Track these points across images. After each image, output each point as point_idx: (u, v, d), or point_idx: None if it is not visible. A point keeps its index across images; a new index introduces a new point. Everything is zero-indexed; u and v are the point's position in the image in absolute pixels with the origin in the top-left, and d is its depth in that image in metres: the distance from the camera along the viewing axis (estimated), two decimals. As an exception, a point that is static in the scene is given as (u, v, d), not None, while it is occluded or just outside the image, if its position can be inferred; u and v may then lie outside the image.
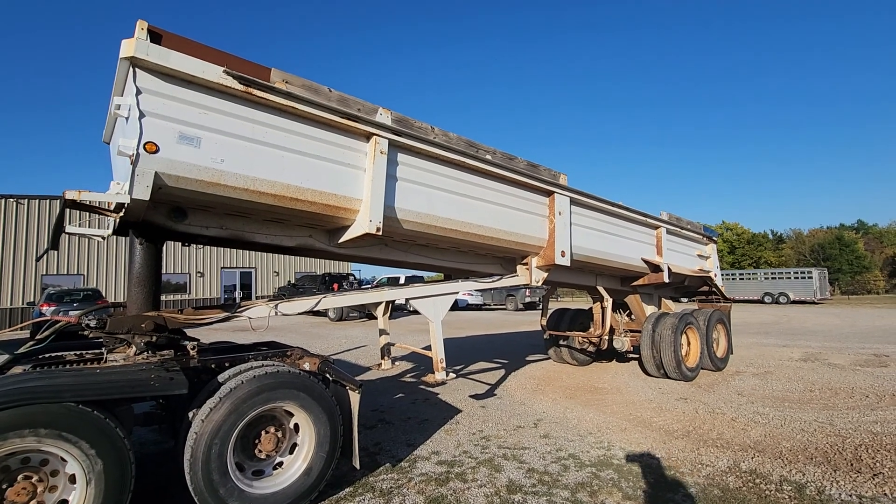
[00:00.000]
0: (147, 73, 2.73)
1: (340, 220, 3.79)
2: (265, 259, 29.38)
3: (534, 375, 7.73)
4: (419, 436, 4.68)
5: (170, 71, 2.77)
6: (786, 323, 17.32)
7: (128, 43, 2.64)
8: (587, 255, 5.88)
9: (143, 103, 2.71)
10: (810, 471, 3.76)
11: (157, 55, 2.70)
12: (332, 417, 3.23)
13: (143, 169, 2.69)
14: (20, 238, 21.54)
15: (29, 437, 2.21)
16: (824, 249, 51.63)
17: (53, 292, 15.97)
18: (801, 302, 29.83)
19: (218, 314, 3.48)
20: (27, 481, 2.28)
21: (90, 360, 3.28)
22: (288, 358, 3.37)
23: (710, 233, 8.87)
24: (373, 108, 3.74)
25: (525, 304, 25.46)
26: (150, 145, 2.71)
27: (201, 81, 2.89)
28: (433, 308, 4.70)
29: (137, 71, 2.70)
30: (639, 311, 7.97)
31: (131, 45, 2.63)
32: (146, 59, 2.67)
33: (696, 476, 3.67)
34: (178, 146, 2.83)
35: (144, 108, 2.71)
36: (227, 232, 3.56)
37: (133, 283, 3.26)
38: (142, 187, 2.70)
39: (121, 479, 2.42)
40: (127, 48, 2.63)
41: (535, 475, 3.71)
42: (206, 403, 2.81)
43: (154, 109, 2.75)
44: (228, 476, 2.81)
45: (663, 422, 5.10)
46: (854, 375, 7.36)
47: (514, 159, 4.94)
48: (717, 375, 7.52)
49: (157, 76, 2.76)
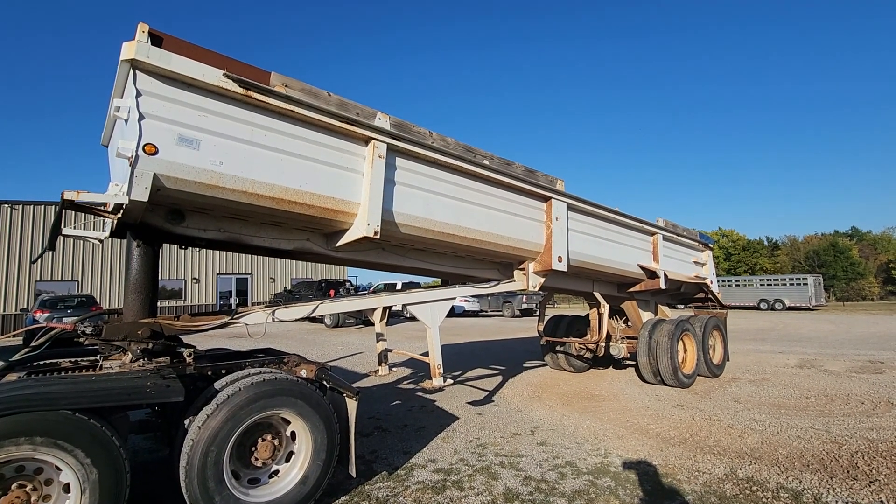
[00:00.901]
0: (147, 75, 2.74)
1: (338, 224, 3.80)
2: (261, 265, 29.26)
3: (531, 382, 7.72)
4: (416, 443, 4.66)
5: (170, 73, 2.79)
6: (781, 329, 17.39)
7: (129, 45, 2.65)
8: (584, 260, 5.90)
9: (143, 105, 2.72)
10: (807, 478, 3.77)
11: (157, 58, 2.71)
12: (329, 426, 3.22)
13: (142, 170, 2.70)
14: (14, 244, 21.40)
15: (24, 445, 2.19)
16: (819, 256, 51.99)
17: (47, 298, 15.85)
18: (797, 308, 29.96)
19: (214, 321, 3.47)
20: (21, 490, 2.26)
21: (85, 368, 3.26)
22: (285, 365, 3.36)
23: (706, 240, 8.93)
24: (371, 113, 3.77)
25: (522, 311, 25.45)
26: (150, 147, 2.71)
27: (201, 84, 2.91)
28: (430, 313, 4.70)
29: (138, 73, 2.71)
30: (635, 317, 7.99)
31: (132, 48, 2.64)
32: (147, 61, 2.68)
33: (692, 483, 3.67)
34: (178, 148, 2.83)
35: (144, 110, 2.72)
36: (225, 235, 3.55)
37: (130, 289, 3.25)
38: (140, 189, 2.70)
39: (115, 488, 2.41)
40: (128, 50, 2.64)
41: (531, 483, 3.70)
42: (203, 410, 2.80)
43: (154, 111, 2.76)
44: (224, 484, 2.79)
45: (660, 429, 5.10)
46: (850, 382, 7.39)
47: (512, 164, 4.97)
48: (714, 382, 7.54)
49: (157, 78, 2.77)
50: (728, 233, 57.08)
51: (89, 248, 23.22)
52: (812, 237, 60.78)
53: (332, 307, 4.32)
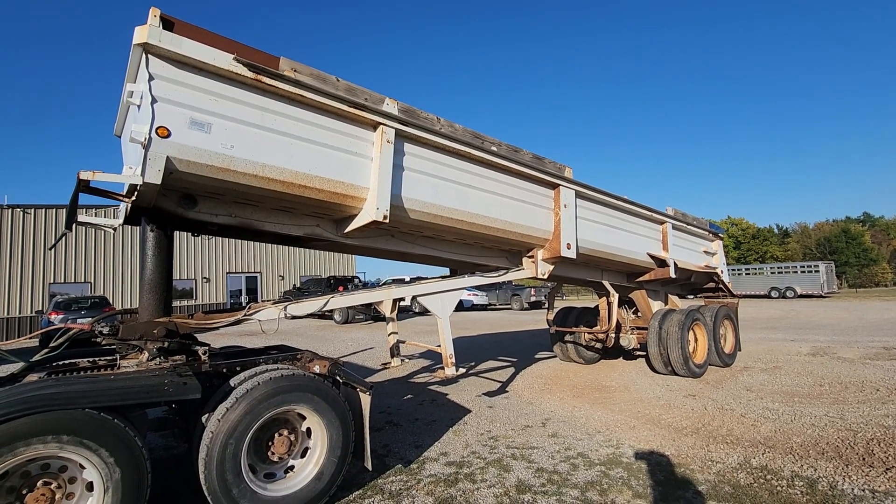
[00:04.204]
0: (159, 59, 2.77)
1: (348, 209, 3.82)
2: (270, 263, 29.49)
3: (541, 374, 7.74)
4: (427, 437, 4.69)
5: (181, 58, 2.81)
6: (793, 317, 17.22)
7: (141, 29, 2.67)
8: (593, 248, 5.87)
9: (156, 89, 2.75)
10: (822, 466, 3.75)
11: (169, 42, 2.74)
12: (344, 422, 3.26)
13: (156, 153, 2.73)
14: (27, 247, 21.71)
15: (52, 443, 2.24)
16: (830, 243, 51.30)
17: (61, 300, 16.08)
18: (809, 296, 29.64)
19: (228, 318, 3.51)
20: (46, 487, 2.31)
21: (103, 367, 3.32)
22: (298, 361, 3.39)
23: (716, 229, 8.84)
24: (380, 98, 3.77)
25: (530, 304, 25.40)
26: (162, 130, 2.74)
27: (212, 68, 2.93)
28: (441, 304, 4.73)
29: (150, 57, 2.74)
30: (645, 307, 7.95)
31: (144, 32, 2.67)
32: (159, 45, 2.70)
33: (706, 473, 3.67)
34: (190, 131, 2.86)
35: (157, 94, 2.75)
36: (236, 220, 3.58)
37: (145, 289, 3.29)
38: (154, 171, 2.73)
39: (137, 488, 2.45)
40: (140, 34, 2.67)
41: (544, 475, 3.71)
42: (223, 404, 2.85)
43: (166, 95, 2.79)
44: (242, 477, 2.84)
45: (672, 419, 5.09)
46: (864, 369, 7.31)
47: (520, 151, 4.95)
48: (726, 371, 7.50)
49: (169, 62, 2.80)
50: (737, 221, 56.48)
51: (101, 250, 23.54)
52: (823, 224, 59.94)
53: (343, 301, 4.35)
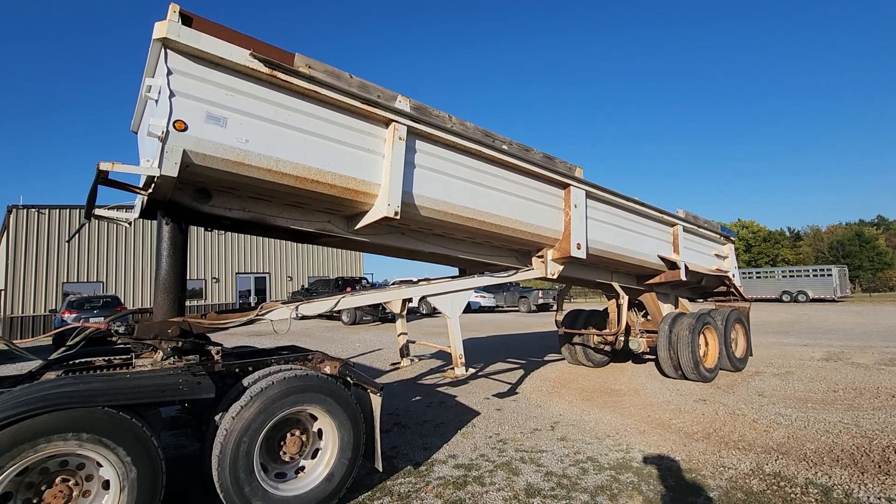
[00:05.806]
0: (178, 54, 2.83)
1: (359, 205, 3.85)
2: (279, 264, 29.70)
3: (549, 377, 7.70)
4: (436, 439, 4.69)
5: (199, 53, 2.87)
6: (806, 321, 16.97)
7: (161, 25, 2.73)
8: (603, 249, 5.85)
9: (174, 83, 2.80)
10: (836, 473, 3.69)
11: (187, 37, 2.79)
12: (355, 424, 3.27)
13: (173, 146, 2.78)
14: (42, 247, 22.08)
15: (71, 440, 2.27)
16: (843, 246, 50.50)
17: (74, 300, 16.30)
18: (821, 300, 29.19)
19: (240, 318, 3.55)
20: (64, 484, 2.35)
21: (119, 366, 3.37)
22: (309, 362, 3.42)
23: (727, 232, 8.75)
24: (392, 95, 3.80)
25: (538, 306, 25.29)
26: (180, 123, 2.80)
27: (229, 64, 2.99)
28: (450, 304, 4.74)
29: (169, 52, 2.80)
30: (655, 310, 7.89)
31: (164, 27, 2.72)
32: (177, 40, 2.76)
33: (717, 479, 3.63)
34: (206, 125, 2.91)
35: (175, 88, 2.80)
36: (250, 215, 3.63)
37: (159, 289, 3.34)
38: (170, 164, 2.78)
39: (152, 487, 2.47)
40: (160, 30, 2.72)
41: (553, 478, 3.70)
42: (237, 402, 2.88)
43: (183, 89, 2.84)
44: (254, 475, 2.86)
45: (682, 424, 5.04)
46: (879, 375, 7.19)
47: (530, 150, 4.95)
48: (737, 376, 7.41)
49: (187, 57, 2.86)
50: (748, 224, 55.76)
51: (113, 250, 23.88)
52: (836, 227, 59.06)
53: (353, 301, 4.38)
